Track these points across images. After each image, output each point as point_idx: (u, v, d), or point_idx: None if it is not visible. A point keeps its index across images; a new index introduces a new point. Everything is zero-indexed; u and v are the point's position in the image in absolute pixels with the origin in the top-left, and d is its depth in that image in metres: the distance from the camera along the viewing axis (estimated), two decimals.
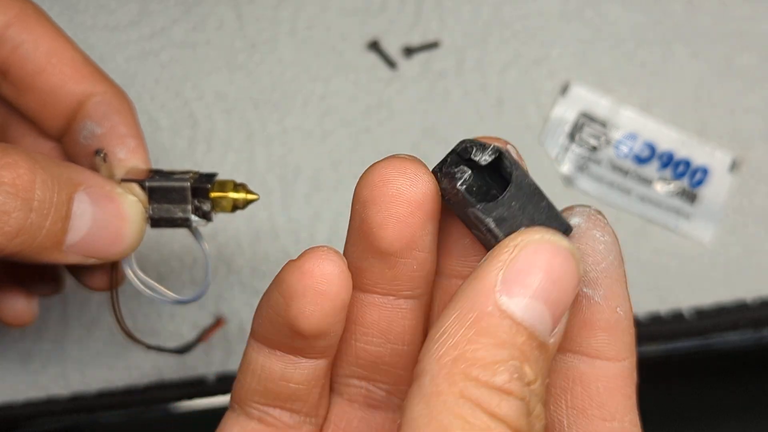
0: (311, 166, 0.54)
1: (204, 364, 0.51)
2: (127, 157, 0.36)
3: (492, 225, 0.25)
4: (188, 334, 0.51)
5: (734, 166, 0.55)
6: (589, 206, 0.27)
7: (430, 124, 0.55)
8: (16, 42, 0.36)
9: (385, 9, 0.57)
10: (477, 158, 0.26)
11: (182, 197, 0.34)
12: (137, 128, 0.37)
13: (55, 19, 0.56)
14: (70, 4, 0.56)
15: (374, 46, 0.56)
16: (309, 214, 0.53)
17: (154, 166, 0.54)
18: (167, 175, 0.35)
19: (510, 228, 0.25)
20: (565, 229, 0.26)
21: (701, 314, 0.53)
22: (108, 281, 0.38)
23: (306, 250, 0.27)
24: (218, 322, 0.48)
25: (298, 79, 0.55)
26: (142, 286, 0.36)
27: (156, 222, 0.35)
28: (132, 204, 0.34)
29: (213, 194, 0.35)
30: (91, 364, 0.52)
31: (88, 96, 0.37)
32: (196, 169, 0.37)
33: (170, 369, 0.51)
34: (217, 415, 0.53)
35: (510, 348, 0.22)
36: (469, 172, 0.26)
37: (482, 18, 0.57)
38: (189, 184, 0.35)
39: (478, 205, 0.25)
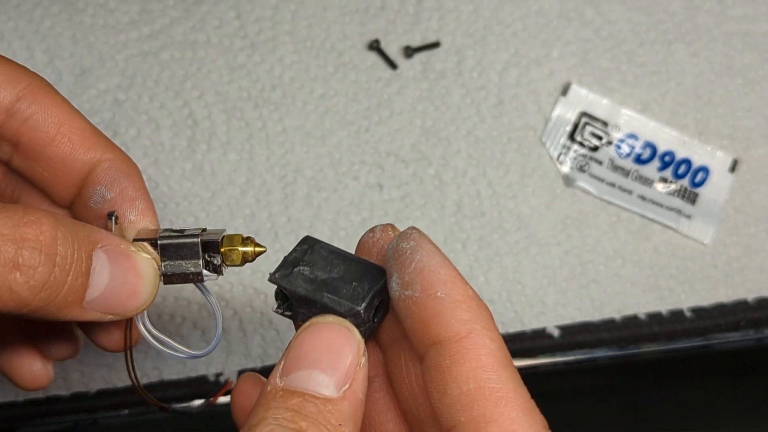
0: (311, 166, 0.54)
1: (204, 364, 0.51)
2: (137, 219, 0.37)
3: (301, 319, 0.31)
4: (188, 335, 0.51)
5: (734, 166, 0.55)
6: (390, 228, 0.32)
7: (430, 124, 0.55)
8: (27, 114, 0.37)
9: (385, 9, 0.57)
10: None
11: (193, 253, 0.35)
12: (145, 191, 0.38)
13: (55, 18, 0.56)
14: (69, 3, 0.56)
15: (374, 46, 0.56)
16: (309, 214, 0.53)
17: (155, 166, 0.54)
18: (177, 232, 0.36)
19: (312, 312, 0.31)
20: (378, 271, 0.31)
21: (701, 314, 0.53)
22: (122, 341, 0.39)
23: None
24: (226, 385, 0.51)
25: (298, 79, 0.55)
26: (155, 342, 0.37)
27: (169, 278, 0.36)
28: (146, 261, 0.35)
29: (223, 248, 0.36)
30: (91, 364, 0.52)
31: (97, 162, 0.38)
32: (203, 219, 0.38)
33: (170, 369, 0.51)
34: (217, 415, 0.53)
35: (276, 409, 0.27)
36: (279, 302, 0.32)
37: (482, 18, 0.57)
38: (199, 239, 0.36)
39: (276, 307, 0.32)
